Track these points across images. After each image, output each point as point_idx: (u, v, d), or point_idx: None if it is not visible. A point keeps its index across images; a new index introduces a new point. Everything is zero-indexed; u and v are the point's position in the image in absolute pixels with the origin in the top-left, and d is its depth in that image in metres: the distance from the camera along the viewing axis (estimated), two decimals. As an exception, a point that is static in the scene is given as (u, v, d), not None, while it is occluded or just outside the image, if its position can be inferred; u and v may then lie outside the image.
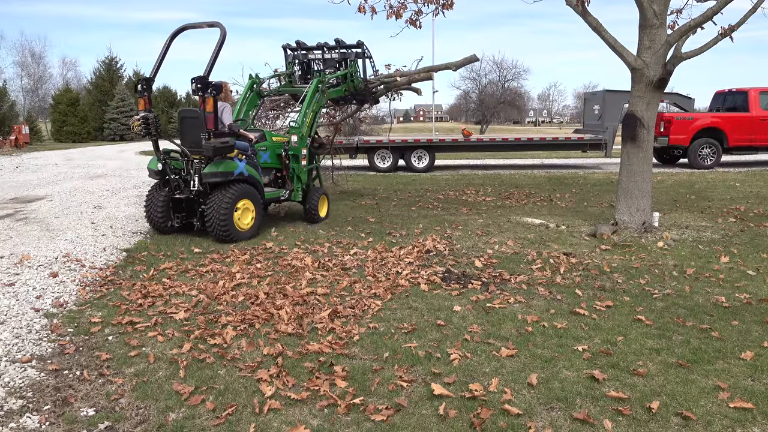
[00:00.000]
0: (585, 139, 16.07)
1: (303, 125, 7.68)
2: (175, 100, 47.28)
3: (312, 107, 7.86)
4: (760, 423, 2.77)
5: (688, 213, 8.44)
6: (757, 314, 4.22)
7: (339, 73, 8.61)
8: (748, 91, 15.11)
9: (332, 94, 8.46)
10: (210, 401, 3.01)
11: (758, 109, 14.86)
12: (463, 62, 8.97)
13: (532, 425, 2.74)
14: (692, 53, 6.77)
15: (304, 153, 7.69)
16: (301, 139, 7.61)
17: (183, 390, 3.11)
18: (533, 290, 4.82)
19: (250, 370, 3.35)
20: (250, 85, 8.40)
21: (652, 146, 7.07)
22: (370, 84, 9.06)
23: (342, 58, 8.75)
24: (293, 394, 3.05)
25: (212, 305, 4.48)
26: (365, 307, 4.41)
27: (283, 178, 7.68)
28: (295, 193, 7.69)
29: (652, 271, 5.38)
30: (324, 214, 8.09)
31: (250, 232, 6.78)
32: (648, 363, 3.42)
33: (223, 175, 6.52)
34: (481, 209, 8.86)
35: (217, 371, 3.36)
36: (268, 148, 7.51)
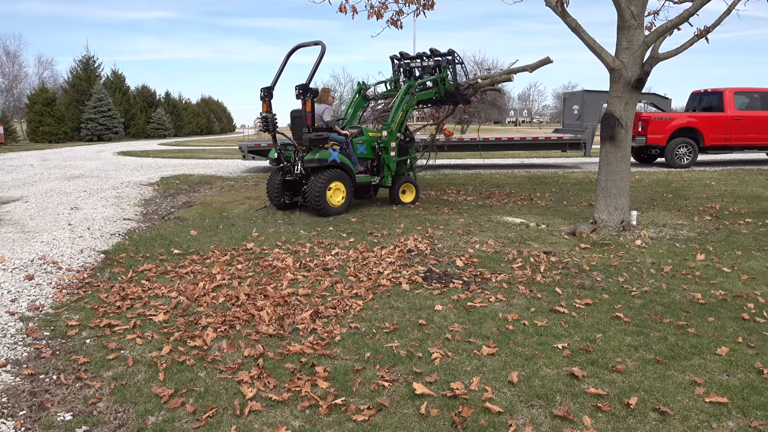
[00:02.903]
0: (564, 138, 16.21)
1: (393, 122, 9.04)
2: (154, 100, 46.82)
3: (402, 107, 9.18)
4: (735, 417, 2.82)
5: (665, 211, 8.56)
6: (731, 310, 4.30)
7: (427, 79, 9.64)
8: (723, 91, 15.36)
9: (422, 96, 9.53)
10: (190, 404, 2.99)
11: (733, 110, 15.12)
12: (538, 64, 9.33)
13: (512, 423, 2.76)
14: (669, 54, 6.87)
15: (393, 146, 9.07)
16: (390, 134, 8.99)
17: (162, 393, 3.07)
18: (514, 289, 4.85)
19: (231, 372, 3.33)
20: (358, 90, 10.10)
21: (630, 146, 7.16)
22: (461, 87, 9.82)
23: (436, 64, 9.77)
24: (274, 396, 3.04)
25: (192, 307, 4.44)
26: (347, 307, 4.40)
27: (377, 166, 9.18)
28: (386, 179, 9.15)
29: (631, 269, 5.45)
30: (408, 200, 9.32)
31: (341, 209, 8.33)
32: (626, 359, 3.46)
33: (319, 161, 8.10)
34: (462, 209, 8.90)
35: (197, 373, 3.33)
36: (365, 141, 9.02)
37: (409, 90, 9.26)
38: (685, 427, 2.73)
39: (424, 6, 7.62)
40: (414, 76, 9.99)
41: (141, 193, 11.00)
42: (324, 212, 8.14)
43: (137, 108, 42.73)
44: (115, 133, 37.39)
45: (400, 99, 9.17)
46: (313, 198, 8.05)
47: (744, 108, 15.24)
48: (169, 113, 46.49)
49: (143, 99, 44.82)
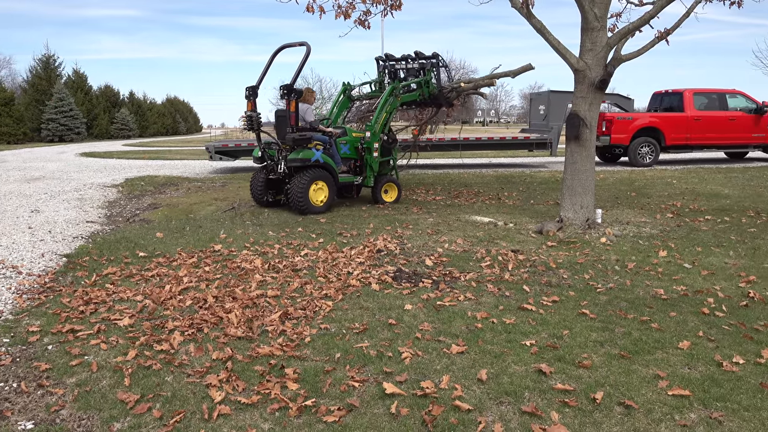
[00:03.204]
0: (531, 138, 16.44)
1: (376, 123, 9.19)
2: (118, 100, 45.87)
3: (386, 109, 9.31)
4: (696, 409, 2.90)
5: (628, 209, 8.75)
6: (692, 305, 4.41)
7: (411, 81, 9.79)
8: (683, 92, 15.78)
9: (406, 98, 9.66)
10: (157, 409, 2.94)
11: (692, 110, 15.54)
12: (520, 70, 9.60)
13: (482, 420, 2.79)
14: (631, 55, 7.03)
15: (376, 146, 9.20)
16: (373, 135, 9.13)
17: (128, 399, 3.01)
18: (482, 287, 4.90)
19: (199, 376, 3.28)
20: (343, 91, 10.18)
21: (594, 145, 7.30)
22: (444, 90, 10.02)
23: (421, 67, 9.97)
24: (243, 399, 3.01)
25: (158, 310, 4.36)
26: (316, 308, 4.38)
27: (360, 166, 9.30)
28: (368, 179, 9.27)
29: (596, 266, 5.56)
30: (391, 199, 9.47)
31: (323, 208, 8.45)
32: (592, 355, 3.53)
33: (302, 161, 8.23)
34: (431, 208, 8.95)
35: (164, 378, 3.27)
36: (348, 141, 9.14)
37: (393, 92, 9.42)
38: (648, 420, 2.80)
39: (392, 6, 7.64)
40: (399, 78, 10.14)
41: (105, 195, 10.76)
42: (306, 211, 8.28)
43: (100, 108, 41.79)
44: (77, 133, 36.50)
45: (384, 101, 9.31)
46: (295, 197, 8.20)
47: (703, 108, 15.68)
48: (133, 113, 45.62)
49: (106, 99, 43.86)
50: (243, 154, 15.88)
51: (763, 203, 9.14)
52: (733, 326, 3.98)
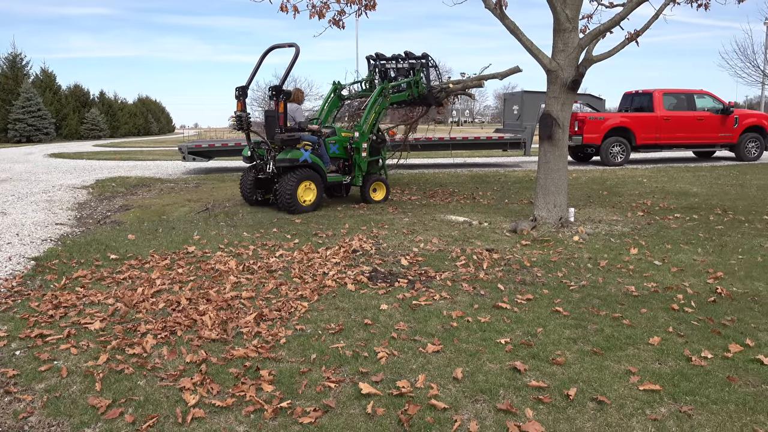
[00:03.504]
0: (505, 138, 16.58)
1: (365, 123, 9.26)
2: (88, 100, 45.05)
3: (375, 109, 9.37)
4: (667, 403, 2.95)
5: (600, 208, 8.88)
6: (663, 302, 4.50)
7: (401, 81, 9.87)
8: (653, 92, 16.07)
9: (395, 98, 9.73)
10: (129, 414, 2.89)
11: (662, 110, 15.84)
12: (507, 72, 9.81)
13: (458, 418, 2.80)
14: (602, 56, 7.14)
15: (365, 146, 9.25)
16: (362, 135, 9.18)
17: (99, 404, 2.96)
18: (458, 286, 4.92)
19: (172, 379, 3.24)
20: (333, 90, 10.16)
21: (567, 145, 7.39)
22: (434, 90, 10.12)
23: (411, 67, 10.05)
24: (218, 402, 2.98)
25: (131, 313, 4.29)
26: (292, 309, 4.36)
27: (349, 166, 9.36)
28: (357, 178, 9.35)
29: (569, 264, 5.63)
30: (379, 198, 9.53)
31: (311, 207, 8.54)
32: (566, 352, 3.57)
33: (290, 161, 8.30)
34: (406, 208, 8.97)
35: (136, 382, 3.22)
36: (337, 141, 9.21)
37: (383, 92, 9.49)
38: (620, 415, 2.85)
39: (366, 6, 7.64)
40: (389, 77, 10.23)
41: (74, 196, 10.55)
42: (294, 210, 8.35)
43: (69, 108, 40.97)
44: (45, 134, 35.73)
45: (373, 101, 9.38)
46: (284, 197, 8.30)
47: (672, 108, 16.00)
48: (104, 113, 44.85)
49: (76, 99, 43.04)
50: (217, 155, 15.73)
51: (729, 201, 9.36)
52: (701, 322, 4.07)
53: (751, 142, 16.43)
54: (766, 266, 5.49)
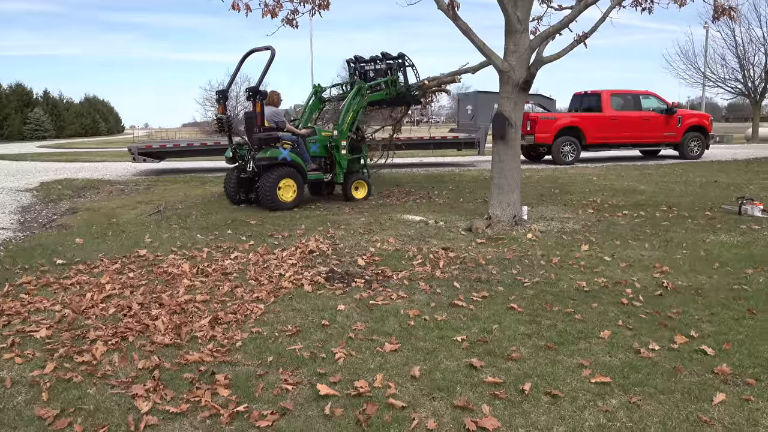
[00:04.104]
0: (460, 138, 16.78)
1: (343, 123, 9.45)
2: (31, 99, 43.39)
3: (352, 108, 9.57)
4: (617, 395, 3.04)
5: (553, 206, 9.08)
6: (612, 296, 4.64)
7: (376, 81, 10.07)
8: (601, 93, 16.53)
9: (373, 97, 9.91)
10: (78, 423, 2.79)
11: (610, 110, 16.31)
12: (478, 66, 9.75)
13: (416, 416, 2.82)
14: (552, 57, 7.30)
15: (344, 145, 9.44)
16: (341, 134, 9.39)
17: (46, 414, 2.85)
18: (415, 285, 4.95)
19: (124, 387, 3.15)
20: (314, 92, 10.45)
21: (519, 144, 7.53)
22: (411, 88, 10.29)
23: (388, 67, 10.27)
24: (172, 408, 2.91)
25: (79, 320, 4.16)
26: (248, 311, 4.30)
27: (331, 164, 9.56)
28: (337, 176, 9.54)
29: (523, 262, 5.74)
30: (361, 196, 9.73)
31: (292, 204, 8.79)
32: (521, 348, 3.64)
33: (269, 159, 8.57)
34: (363, 208, 8.97)
35: (85, 390, 3.12)
36: (318, 140, 9.48)
37: (359, 92, 9.70)
38: (573, 408, 2.92)
39: (320, 6, 7.60)
40: (369, 79, 10.45)
41: (17, 199, 10.14)
42: (275, 207, 8.60)
43: (11, 108, 39.44)
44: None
45: (350, 101, 9.64)
46: (264, 194, 8.57)
47: (619, 108, 16.50)
48: (48, 113, 43.31)
49: (18, 98, 41.45)
50: (168, 156, 15.40)
51: (674, 198, 9.71)
52: (649, 315, 4.21)
53: (694, 141, 17.08)
54: (709, 260, 5.72)
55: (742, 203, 8.13)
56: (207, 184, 12.26)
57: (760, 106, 33.88)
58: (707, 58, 32.08)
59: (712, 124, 17.90)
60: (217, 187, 11.75)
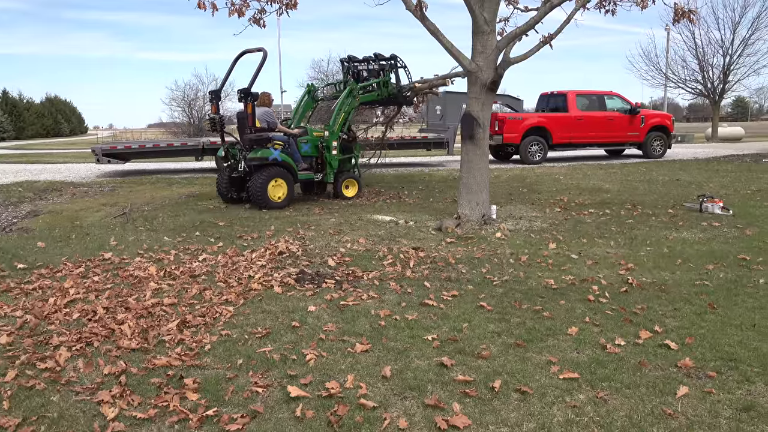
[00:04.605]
0: (429, 138, 16.86)
1: (335, 123, 9.59)
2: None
3: (344, 109, 9.69)
4: (585, 390, 3.10)
5: (521, 205, 9.20)
6: (579, 293, 4.72)
7: (369, 82, 10.15)
8: (567, 93, 16.81)
9: (365, 98, 10.02)
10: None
11: (576, 110, 16.59)
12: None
13: (387, 416, 2.82)
14: (519, 58, 7.38)
15: (335, 145, 9.59)
16: (332, 134, 9.55)
17: (8, 423, 2.77)
18: (385, 285, 4.96)
19: (89, 393, 3.08)
20: (307, 92, 10.63)
21: (488, 144, 7.60)
22: (403, 89, 10.40)
23: (381, 68, 10.37)
24: (139, 413, 2.86)
25: (42, 325, 4.05)
26: (216, 314, 4.25)
27: (321, 164, 9.71)
28: (328, 175, 9.68)
29: (492, 260, 5.80)
30: (351, 195, 9.90)
31: (282, 203, 8.93)
32: (490, 345, 3.68)
33: (260, 159, 8.77)
34: (332, 209, 8.95)
35: (49, 398, 3.04)
36: (309, 140, 9.63)
37: (351, 93, 9.82)
38: (542, 404, 2.96)
39: (287, 5, 7.55)
40: (362, 79, 10.51)
41: (-25, 202, 9.83)
42: (265, 206, 8.74)
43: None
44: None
45: (342, 101, 9.76)
46: (254, 193, 8.73)
47: (585, 109, 16.80)
48: (7, 114, 42.07)
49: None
50: (134, 157, 15.11)
51: (638, 196, 9.93)
52: (615, 311, 4.30)
53: (656, 140, 17.50)
54: (672, 257, 5.87)
55: (702, 201, 8.36)
56: (174, 186, 12.07)
57: (719, 106, 34.88)
58: (668, 60, 32.87)
59: (673, 124, 18.37)
60: (185, 188, 11.60)
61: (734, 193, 10.04)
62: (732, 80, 32.05)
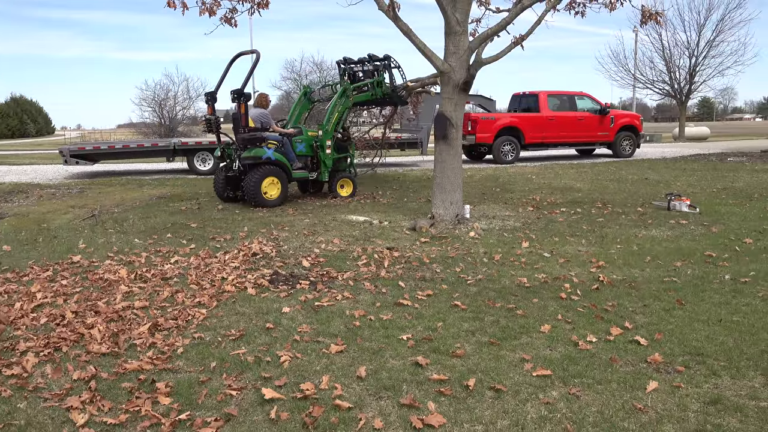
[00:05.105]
0: (403, 138, 16.89)
1: (328, 123, 9.73)
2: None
3: (337, 109, 9.83)
4: (558, 387, 3.14)
5: (494, 204, 9.28)
6: (552, 291, 4.78)
7: (362, 83, 10.32)
8: (538, 93, 17.00)
9: (358, 98, 10.19)
10: (8, 440, 2.66)
11: (547, 110, 16.79)
12: None
13: (362, 417, 2.82)
14: (491, 59, 7.44)
15: (329, 144, 9.74)
16: (326, 134, 9.70)
17: (-28, 432, 2.70)
18: (360, 285, 4.96)
19: (58, 399, 3.02)
20: (303, 93, 10.82)
21: (461, 144, 7.65)
22: (397, 89, 10.42)
23: (375, 68, 10.49)
24: (110, 419, 2.81)
25: (7, 331, 3.95)
26: (189, 317, 4.20)
27: (316, 163, 9.88)
28: (323, 174, 9.84)
29: (466, 260, 5.83)
30: (346, 194, 10.02)
31: (276, 201, 9.09)
32: (465, 344, 3.70)
33: (254, 159, 8.95)
34: (306, 209, 8.91)
35: (15, 405, 2.97)
36: (304, 140, 9.79)
37: (345, 93, 9.96)
38: (516, 401, 2.99)
39: (259, 5, 7.49)
40: (357, 79, 10.71)
41: (-63, 205, 9.54)
42: (259, 204, 8.94)
43: None
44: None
45: (335, 102, 9.93)
46: (249, 191, 8.90)
47: (556, 109, 17.02)
48: (-30, 114, 40.92)
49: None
50: (103, 158, 14.83)
51: (608, 195, 10.09)
52: (586, 308, 4.36)
53: (626, 140, 17.82)
54: (641, 254, 5.98)
55: (670, 199, 8.54)
56: (145, 187, 11.89)
57: (685, 106, 35.66)
58: (637, 61, 33.48)
59: (642, 124, 18.73)
60: (156, 189, 11.43)
61: (701, 192, 10.28)
62: (698, 81, 32.81)
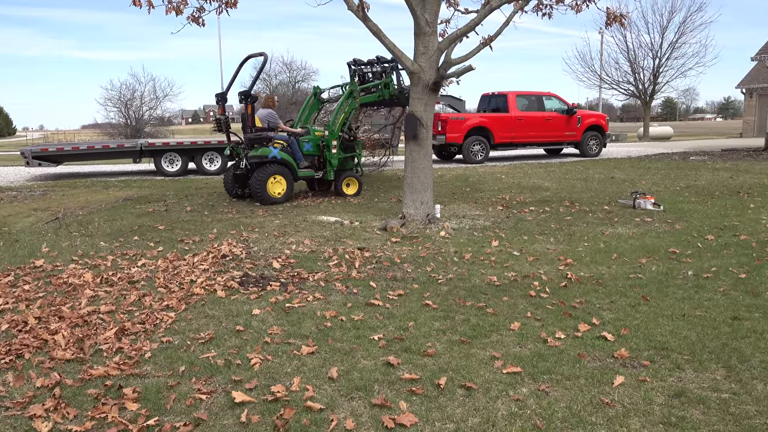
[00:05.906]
0: (373, 138, 16.88)
1: (334, 123, 10.03)
2: None
3: (344, 110, 10.12)
4: (527, 383, 3.18)
5: (464, 204, 9.34)
6: (521, 289, 4.83)
7: (373, 83, 10.64)
8: (507, 94, 17.19)
9: (365, 99, 10.49)
10: (-32, 451, 2.58)
11: (516, 110, 16.99)
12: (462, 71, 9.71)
13: (334, 418, 2.81)
14: (460, 59, 7.49)
15: (335, 144, 9.99)
16: (331, 134, 9.95)
17: (-70, 443, 2.61)
18: (331, 286, 4.94)
19: (20, 407, 2.94)
20: (313, 94, 11.15)
21: (431, 144, 7.68)
22: (405, 90, 10.48)
23: (383, 70, 10.73)
24: (75, 426, 2.75)
25: (-33, 338, 3.83)
26: (157, 320, 4.13)
27: (322, 162, 10.16)
28: (328, 173, 10.11)
29: (437, 259, 5.86)
30: (351, 192, 10.21)
31: (282, 199, 9.40)
32: (436, 343, 3.72)
33: (260, 158, 9.36)
34: (276, 210, 8.84)
35: (-24, 414, 2.88)
36: (311, 140, 10.05)
37: (352, 94, 10.20)
38: (487, 399, 3.02)
39: (227, 4, 7.42)
40: (367, 80, 11.00)
41: None
42: (265, 201, 9.24)
43: None
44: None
45: (342, 103, 10.21)
46: (255, 189, 9.24)
47: (524, 109, 17.22)
48: (-74, 114, 39.55)
49: None
50: (67, 159, 14.51)
51: (576, 194, 10.26)
52: (555, 305, 4.42)
53: (592, 139, 18.13)
54: (608, 252, 6.09)
55: (635, 197, 8.72)
56: (110, 189, 11.66)
57: (650, 107, 36.49)
58: (602, 62, 34.16)
59: (608, 124, 19.09)
60: (122, 191, 11.22)
61: (664, 190, 10.52)
62: (661, 82, 33.64)
